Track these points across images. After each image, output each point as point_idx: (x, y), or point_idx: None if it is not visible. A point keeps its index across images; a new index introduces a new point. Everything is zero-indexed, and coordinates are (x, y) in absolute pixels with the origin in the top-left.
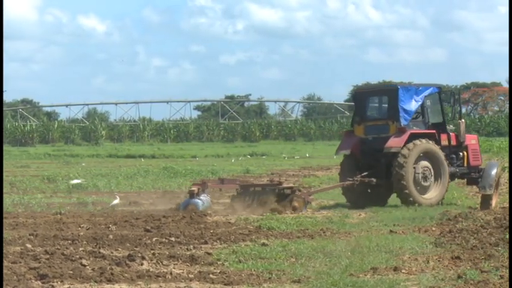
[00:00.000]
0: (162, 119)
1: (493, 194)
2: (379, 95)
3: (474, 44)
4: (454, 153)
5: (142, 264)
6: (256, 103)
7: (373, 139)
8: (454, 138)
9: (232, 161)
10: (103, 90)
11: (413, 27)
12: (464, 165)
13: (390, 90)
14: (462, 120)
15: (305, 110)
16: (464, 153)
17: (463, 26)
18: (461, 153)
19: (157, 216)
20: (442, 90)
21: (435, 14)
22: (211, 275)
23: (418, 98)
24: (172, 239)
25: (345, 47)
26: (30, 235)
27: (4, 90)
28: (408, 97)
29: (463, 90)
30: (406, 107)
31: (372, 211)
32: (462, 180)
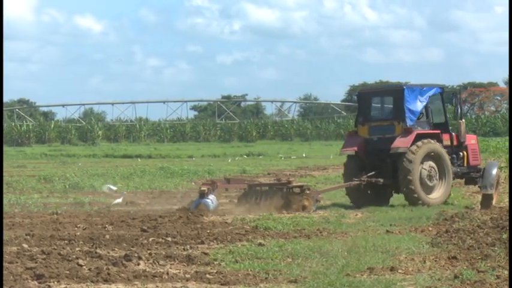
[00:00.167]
0: (158, 119)
1: (494, 194)
2: (384, 95)
3: (471, 44)
4: (455, 153)
5: (139, 264)
6: (252, 103)
7: (378, 139)
8: (455, 138)
9: (229, 161)
10: (99, 90)
11: (410, 27)
12: (465, 165)
13: (396, 91)
14: (462, 120)
15: (302, 110)
16: (464, 153)
17: (460, 26)
18: (461, 153)
19: (154, 216)
20: (444, 90)
21: (432, 14)
22: (207, 275)
23: (423, 99)
24: (169, 239)
25: (341, 47)
26: (26, 235)
27: None
28: (413, 97)
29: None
30: (411, 108)
31: (369, 211)
32: (460, 180)
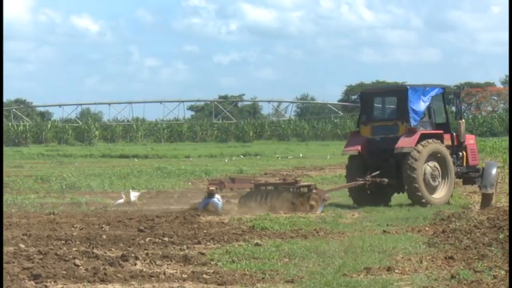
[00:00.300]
0: (155, 119)
1: (494, 193)
2: (387, 95)
3: (468, 44)
4: (455, 153)
5: (136, 264)
6: (249, 103)
7: (381, 139)
8: (455, 138)
9: (226, 161)
10: (96, 90)
11: (407, 27)
12: (464, 165)
13: (399, 91)
14: (462, 120)
15: (298, 110)
16: (464, 153)
17: (457, 26)
18: (460, 153)
19: (151, 216)
20: (446, 90)
21: (428, 14)
22: (204, 275)
23: (426, 99)
24: (166, 239)
25: (338, 47)
26: (23, 235)
27: None
28: (416, 98)
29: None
30: (415, 108)
31: (365, 211)
32: (458, 180)
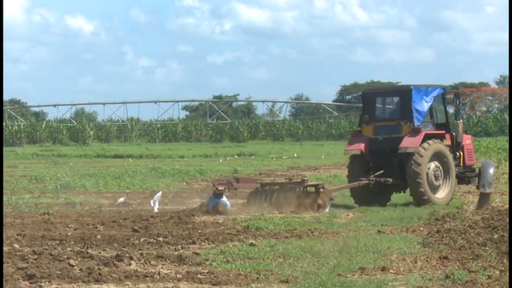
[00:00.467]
0: (150, 119)
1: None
2: (391, 95)
3: (462, 44)
4: (453, 153)
5: (130, 264)
6: (244, 103)
7: (384, 139)
8: (454, 139)
9: (220, 161)
10: (91, 90)
11: (401, 28)
12: (461, 164)
13: (403, 91)
14: (460, 120)
15: (293, 110)
16: (461, 153)
17: (451, 26)
18: (458, 153)
19: (145, 216)
20: (446, 91)
21: (422, 14)
22: (199, 275)
23: (428, 99)
24: (160, 239)
25: (332, 47)
26: (18, 235)
27: None
28: (420, 98)
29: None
30: (418, 108)
31: (360, 211)
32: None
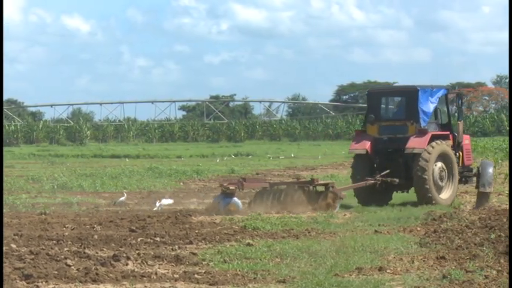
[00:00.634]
0: (147, 119)
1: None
2: (396, 95)
3: (458, 44)
4: (454, 154)
5: (127, 264)
6: (241, 103)
7: (389, 139)
8: (456, 139)
9: (217, 161)
10: (88, 90)
11: (398, 28)
12: (460, 164)
13: (409, 92)
14: (461, 121)
15: (290, 110)
16: (460, 153)
17: (447, 26)
18: (457, 154)
19: (143, 216)
20: (449, 91)
21: (419, 14)
22: (196, 275)
23: (433, 99)
24: (157, 239)
25: (329, 47)
26: (15, 235)
27: None
28: (425, 98)
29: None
30: (424, 109)
31: (357, 211)
32: None
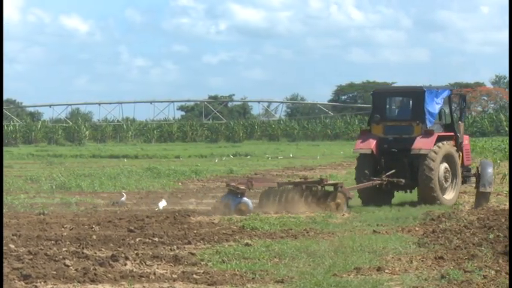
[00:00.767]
0: (145, 119)
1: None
2: (402, 96)
3: (457, 44)
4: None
5: (126, 264)
6: (239, 103)
7: (394, 139)
8: (458, 140)
9: (216, 161)
10: (86, 90)
11: (396, 28)
12: (460, 165)
13: (416, 93)
14: (461, 121)
15: (288, 110)
16: (460, 154)
17: (446, 26)
18: (459, 154)
19: (141, 216)
20: (453, 92)
21: (418, 14)
22: (194, 275)
23: (438, 100)
24: (156, 239)
25: (327, 47)
26: (13, 235)
27: None
28: (431, 99)
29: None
30: (430, 109)
31: (356, 211)
32: None
